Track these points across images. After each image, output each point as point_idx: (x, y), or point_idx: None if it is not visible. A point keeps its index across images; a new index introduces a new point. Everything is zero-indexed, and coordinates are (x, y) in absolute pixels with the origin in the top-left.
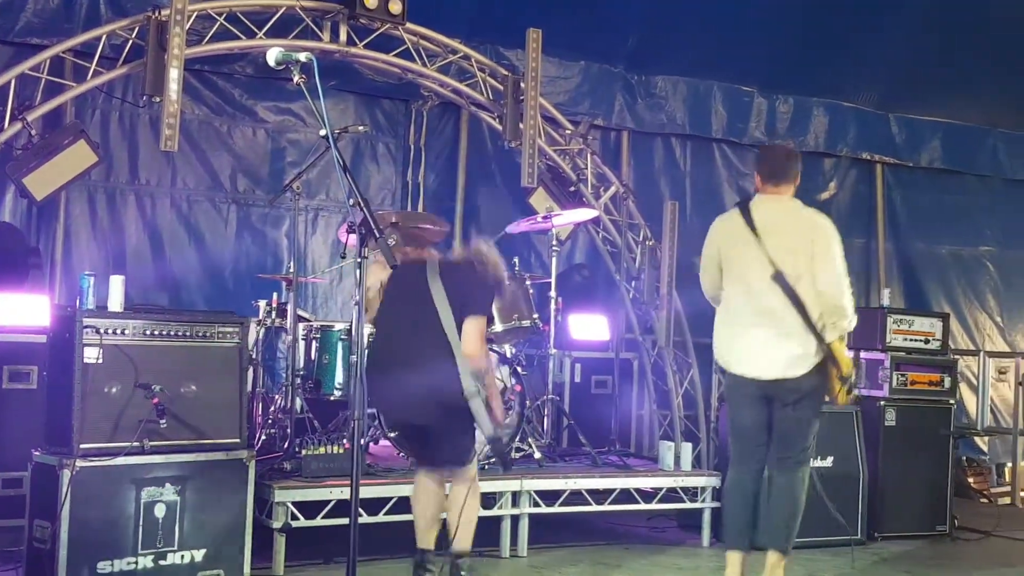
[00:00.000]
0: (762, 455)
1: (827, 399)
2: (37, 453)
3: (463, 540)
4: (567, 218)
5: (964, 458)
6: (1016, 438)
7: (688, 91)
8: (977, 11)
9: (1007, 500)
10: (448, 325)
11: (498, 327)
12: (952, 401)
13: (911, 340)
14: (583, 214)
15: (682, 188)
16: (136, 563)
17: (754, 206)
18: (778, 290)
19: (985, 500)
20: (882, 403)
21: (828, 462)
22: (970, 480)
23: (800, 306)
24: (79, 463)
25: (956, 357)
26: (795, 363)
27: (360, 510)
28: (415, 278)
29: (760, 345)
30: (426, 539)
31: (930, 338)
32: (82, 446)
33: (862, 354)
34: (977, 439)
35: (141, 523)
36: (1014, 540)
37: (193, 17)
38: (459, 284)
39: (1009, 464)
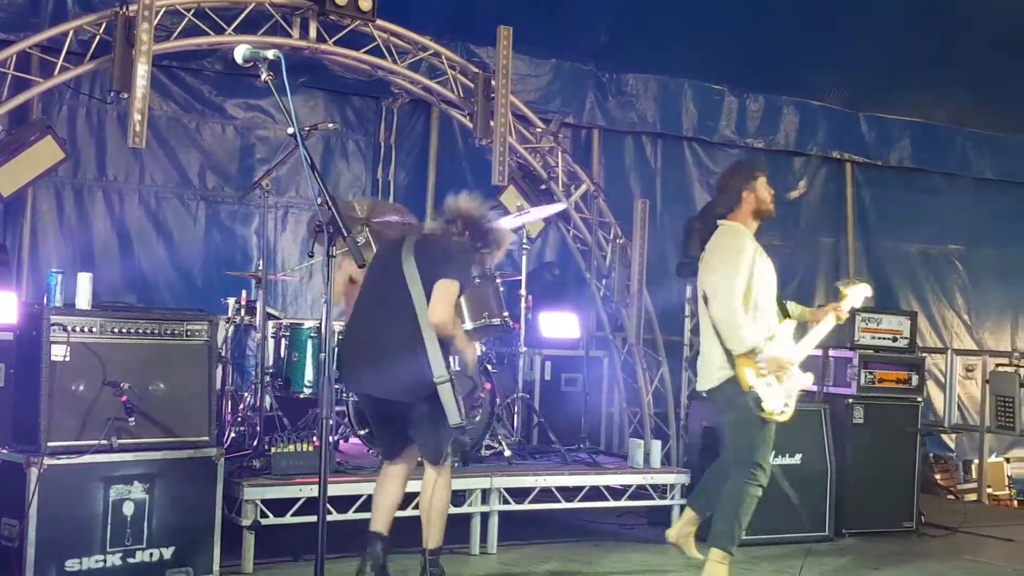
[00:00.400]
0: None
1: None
2: (4, 451)
3: (433, 537)
4: (539, 213)
5: (931, 455)
6: (983, 435)
7: (659, 89)
8: (946, 12)
9: (973, 497)
10: (420, 305)
11: (468, 325)
12: (920, 399)
13: (879, 338)
14: (554, 207)
15: (653, 186)
16: (105, 561)
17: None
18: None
19: (952, 497)
20: (850, 401)
21: (796, 459)
22: (937, 477)
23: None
24: (47, 461)
25: (924, 355)
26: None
27: (329, 507)
28: (391, 257)
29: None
30: (379, 522)
31: (898, 336)
32: (50, 444)
33: (830, 352)
34: (944, 436)
35: (110, 521)
36: (980, 536)
37: (161, 12)
38: (432, 256)
39: (976, 461)
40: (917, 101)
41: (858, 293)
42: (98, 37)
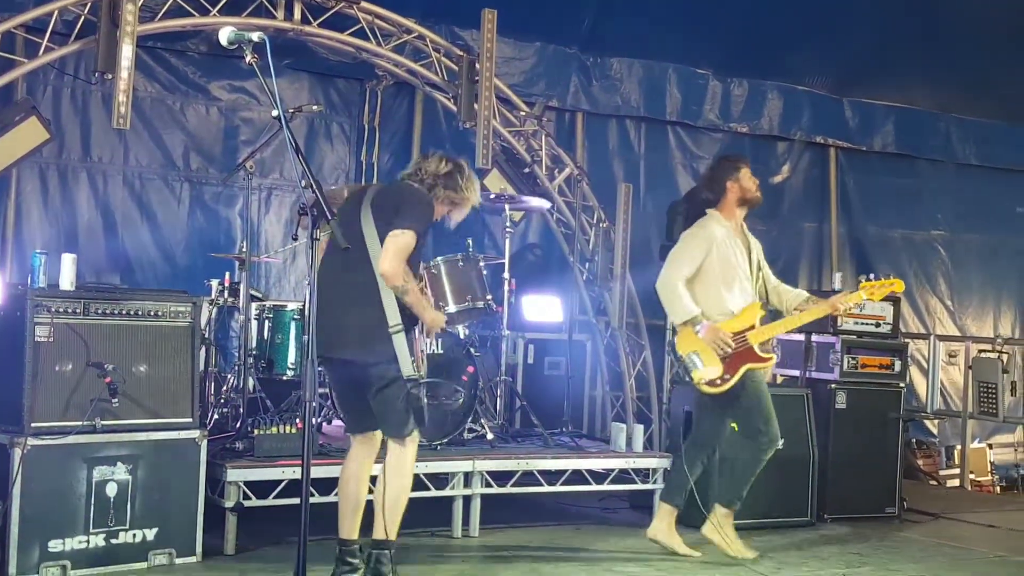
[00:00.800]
0: None
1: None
2: None
3: (381, 528)
4: (524, 206)
5: (914, 441)
6: (965, 421)
7: (643, 73)
8: None
9: (956, 482)
10: (375, 257)
11: (452, 308)
12: (902, 384)
13: (862, 324)
14: (538, 203)
15: (636, 170)
16: (88, 541)
17: None
18: None
19: (934, 482)
20: (833, 386)
21: (779, 444)
22: (919, 462)
23: None
24: (30, 441)
25: (907, 341)
26: None
27: (312, 490)
28: (351, 211)
29: None
30: (347, 527)
31: (881, 322)
32: (33, 424)
33: (813, 337)
34: (927, 422)
35: (93, 502)
36: (962, 522)
37: None
38: (388, 205)
39: (958, 447)
40: (901, 86)
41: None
42: (83, 17)
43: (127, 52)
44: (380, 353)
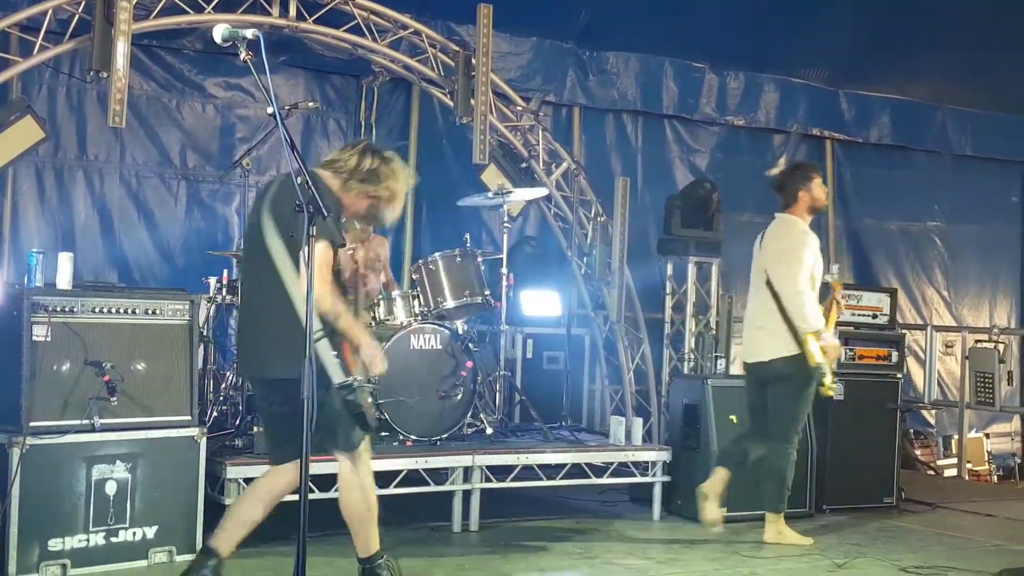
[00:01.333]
0: None
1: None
2: None
3: (361, 544)
4: (521, 196)
5: (911, 431)
6: (962, 411)
7: (640, 67)
8: None
9: (953, 472)
10: (281, 262)
11: (450, 304)
12: (899, 375)
13: (859, 315)
14: (535, 191)
15: (633, 164)
16: (88, 540)
17: None
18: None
19: (932, 472)
20: None
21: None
22: (917, 452)
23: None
24: (29, 441)
25: (904, 332)
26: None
27: (312, 486)
28: (254, 213)
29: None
30: (220, 538)
31: (878, 313)
32: (31, 424)
33: None
34: (924, 412)
35: (92, 500)
36: (960, 512)
37: None
38: (288, 210)
39: (955, 436)
40: (897, 78)
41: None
42: (77, 16)
43: (122, 50)
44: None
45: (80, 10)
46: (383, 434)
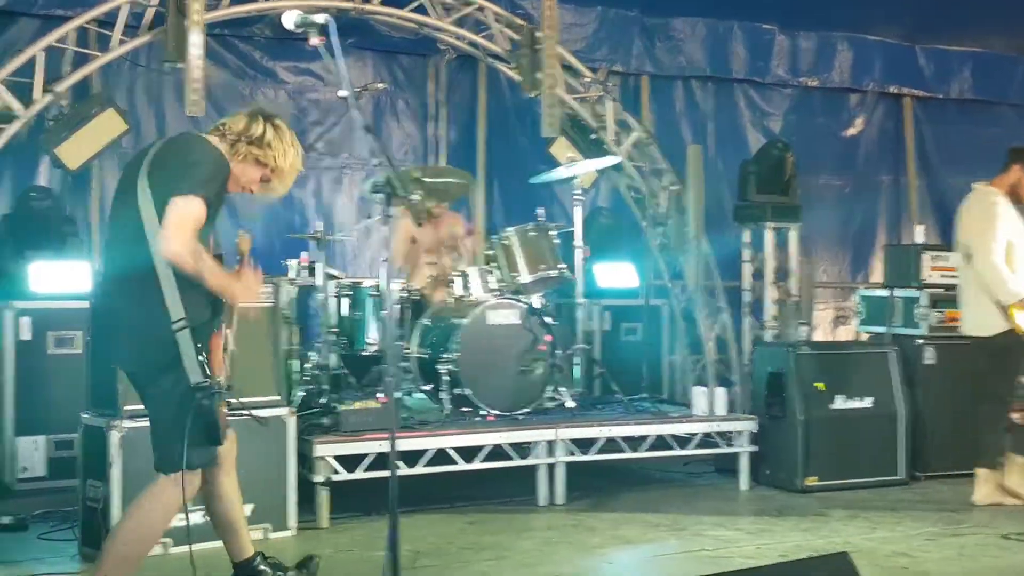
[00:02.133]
0: None
1: None
2: (86, 416)
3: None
4: (592, 165)
5: None
6: None
7: (707, 32)
8: None
9: None
10: (152, 234)
11: (526, 278)
12: None
13: (948, 276)
14: (606, 161)
15: (704, 131)
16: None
17: None
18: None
19: None
20: (920, 342)
21: (867, 402)
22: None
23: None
24: (126, 424)
25: None
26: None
27: (399, 463)
28: (127, 178)
29: None
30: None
31: None
32: (127, 408)
33: (896, 292)
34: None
35: None
36: None
37: None
38: (167, 169)
39: None
40: (977, 31)
41: None
42: (151, 9)
43: (195, 40)
44: (157, 358)
45: (154, 3)
46: (464, 409)
